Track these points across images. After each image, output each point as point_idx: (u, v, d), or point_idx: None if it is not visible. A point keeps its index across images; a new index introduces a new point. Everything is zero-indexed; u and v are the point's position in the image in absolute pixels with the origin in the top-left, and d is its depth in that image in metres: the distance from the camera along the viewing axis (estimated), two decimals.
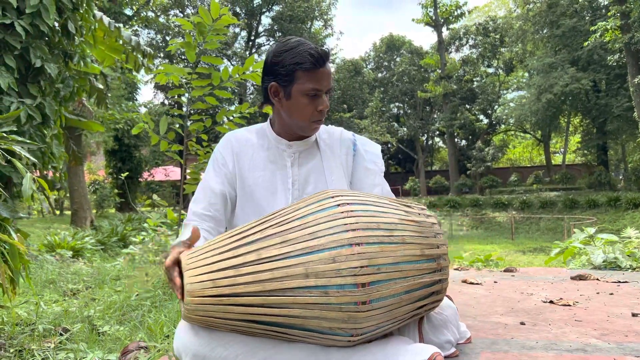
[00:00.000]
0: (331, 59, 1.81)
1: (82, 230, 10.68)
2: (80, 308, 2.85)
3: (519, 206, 26.38)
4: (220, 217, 1.61)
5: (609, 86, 27.14)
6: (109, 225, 12.89)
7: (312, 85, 1.50)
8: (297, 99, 1.53)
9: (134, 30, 21.93)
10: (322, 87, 1.52)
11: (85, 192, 14.48)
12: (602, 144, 30.20)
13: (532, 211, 25.86)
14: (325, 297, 1.19)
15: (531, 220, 25.11)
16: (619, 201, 22.67)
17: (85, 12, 5.32)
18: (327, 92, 1.55)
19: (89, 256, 7.01)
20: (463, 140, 37.61)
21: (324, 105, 1.52)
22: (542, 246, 19.16)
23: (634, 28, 22.49)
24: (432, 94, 33.46)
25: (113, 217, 16.58)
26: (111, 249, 9.34)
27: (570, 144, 37.28)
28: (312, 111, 1.53)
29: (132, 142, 20.46)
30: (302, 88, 1.51)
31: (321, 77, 1.51)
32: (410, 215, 1.36)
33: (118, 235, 10.51)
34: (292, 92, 1.53)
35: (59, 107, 5.47)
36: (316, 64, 1.50)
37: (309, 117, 1.54)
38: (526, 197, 26.99)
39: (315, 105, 1.53)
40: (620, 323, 1.86)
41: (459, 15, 33.86)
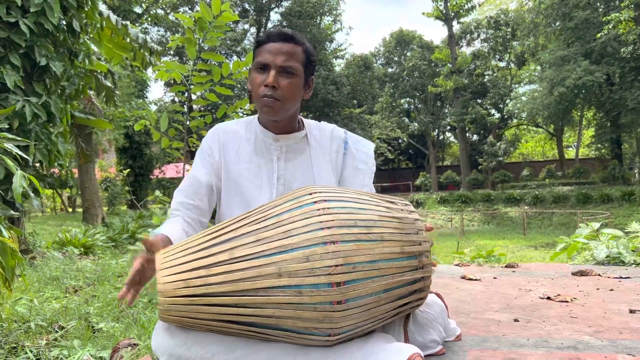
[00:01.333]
0: (340, 53, 1.76)
1: (93, 227, 10.77)
2: (79, 305, 2.86)
3: (531, 201, 26.15)
4: (204, 207, 1.60)
5: (622, 79, 26.72)
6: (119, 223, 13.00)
7: (258, 59, 1.53)
8: (251, 76, 1.56)
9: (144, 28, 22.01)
10: (267, 61, 1.50)
11: (97, 190, 14.61)
12: (616, 138, 29.79)
13: (545, 206, 25.62)
14: (299, 297, 1.17)
15: (543, 215, 24.89)
16: (633, 195, 22.39)
17: (90, 10, 5.34)
18: (280, 70, 1.50)
19: (99, 253, 7.06)
20: (474, 135, 37.32)
21: (268, 80, 1.48)
22: (554, 241, 18.94)
23: None
24: (442, 89, 33.23)
25: (124, 214, 16.71)
26: (122, 245, 9.39)
27: (584, 138, 36.83)
28: (259, 85, 1.51)
29: (143, 140, 20.60)
30: (254, 63, 1.55)
31: (268, 50, 1.52)
32: (391, 212, 1.34)
33: (129, 232, 10.59)
34: (250, 70, 1.58)
35: (65, 105, 5.51)
36: (265, 38, 1.54)
37: (257, 92, 1.52)
38: (538, 192, 26.73)
39: (263, 80, 1.50)
40: (616, 320, 1.82)
41: (470, 8, 33.53)
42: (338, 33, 34.26)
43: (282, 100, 1.51)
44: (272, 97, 1.50)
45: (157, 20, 23.02)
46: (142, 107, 17.56)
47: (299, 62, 1.54)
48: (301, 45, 1.56)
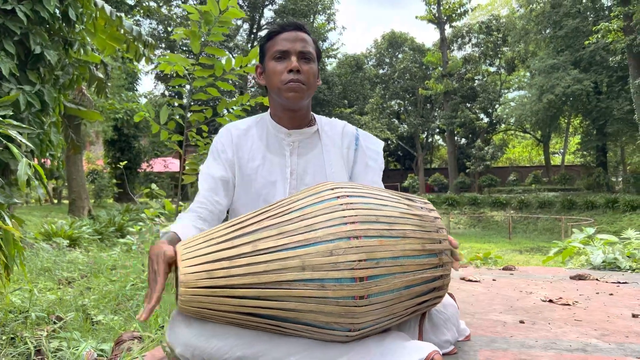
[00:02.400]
0: (332, 53, 1.78)
1: (79, 220, 10.64)
2: (75, 297, 2.83)
3: (517, 205, 26.37)
4: (222, 201, 1.59)
5: (610, 88, 27.08)
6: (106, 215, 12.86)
7: (276, 47, 1.54)
8: (269, 66, 1.56)
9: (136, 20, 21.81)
10: (286, 48, 1.53)
11: (84, 182, 14.44)
12: (601, 146, 30.18)
13: (530, 211, 25.86)
14: (322, 291, 1.17)
15: (529, 220, 25.12)
16: (617, 203, 22.68)
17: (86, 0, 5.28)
18: (300, 56, 1.53)
19: (86, 245, 6.98)
20: (463, 138, 37.57)
21: (293, 65, 1.50)
22: (539, 246, 19.17)
23: (637, 30, 22.43)
24: (433, 92, 33.37)
25: (111, 207, 16.54)
26: (108, 238, 9.31)
27: (570, 145, 37.26)
28: (282, 72, 1.52)
29: (132, 133, 20.42)
30: (270, 53, 1.56)
31: (285, 39, 1.54)
32: (411, 209, 1.34)
33: (115, 226, 10.49)
34: (265, 63, 1.58)
35: (58, 95, 5.43)
36: (280, 28, 1.56)
37: (280, 80, 1.53)
38: (524, 197, 26.98)
39: (285, 67, 1.52)
40: (620, 324, 1.84)
41: (462, 13, 33.73)
42: (331, 32, 34.28)
43: (306, 84, 1.54)
44: (299, 81, 1.51)
45: (149, 13, 22.82)
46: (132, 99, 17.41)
47: (313, 50, 1.58)
48: (310, 35, 1.60)
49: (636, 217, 21.28)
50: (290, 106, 1.57)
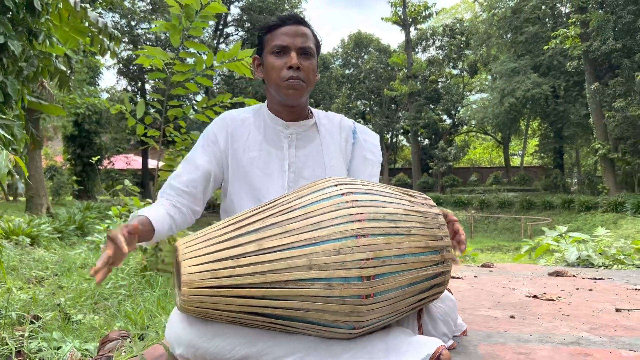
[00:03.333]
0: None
1: (37, 218, 10.27)
2: (48, 296, 2.72)
3: (478, 205, 27.00)
4: (198, 196, 1.56)
5: (567, 93, 28.06)
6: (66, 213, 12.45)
7: (275, 42, 1.51)
8: (268, 61, 1.53)
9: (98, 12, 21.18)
10: (286, 43, 1.50)
11: (42, 178, 13.95)
12: (558, 148, 31.24)
13: (491, 211, 26.52)
14: (329, 290, 1.16)
15: (489, 220, 25.76)
16: (572, 203, 23.53)
17: None
18: (300, 52, 1.50)
19: (45, 244, 6.74)
20: (426, 139, 38.16)
21: (293, 62, 1.47)
22: (499, 245, 19.68)
23: (593, 37, 23.31)
24: (398, 93, 33.76)
25: (70, 205, 16.03)
26: (68, 237, 9.03)
27: (529, 147, 38.38)
28: (281, 68, 1.49)
29: (93, 128, 19.83)
30: (269, 48, 1.53)
31: (285, 33, 1.50)
32: (414, 206, 1.34)
33: (76, 224, 10.19)
34: (264, 56, 1.55)
35: (22, 87, 5.21)
36: (280, 22, 1.53)
37: (280, 76, 1.50)
38: (485, 197, 27.64)
39: (284, 62, 1.49)
40: (606, 318, 1.90)
41: (427, 15, 34.25)
42: None
43: (306, 81, 1.51)
44: (298, 79, 1.49)
45: (112, 6, 22.19)
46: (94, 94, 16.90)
47: (313, 45, 1.55)
48: (311, 28, 1.57)
49: (590, 216, 22.13)
50: (288, 103, 1.55)
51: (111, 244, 1.20)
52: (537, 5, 27.81)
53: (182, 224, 1.52)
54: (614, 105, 22.60)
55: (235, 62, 3.31)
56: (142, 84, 29.72)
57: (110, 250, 1.19)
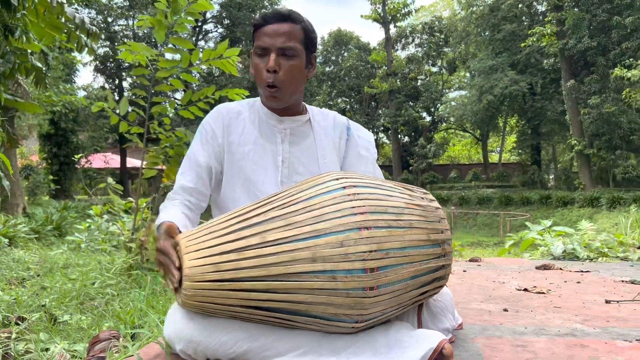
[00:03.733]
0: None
1: (13, 218, 10.05)
2: (32, 297, 2.66)
3: (457, 202, 27.30)
4: (206, 192, 1.56)
5: (544, 90, 28.50)
6: (42, 213, 12.21)
7: (257, 43, 1.49)
8: (252, 61, 1.51)
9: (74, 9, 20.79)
10: (266, 44, 1.46)
11: (17, 178, 13.65)
12: (535, 145, 31.72)
13: (470, 207, 26.84)
14: (333, 283, 1.15)
15: (469, 216, 26.07)
16: (549, 199, 23.94)
17: None
18: (279, 52, 1.46)
19: (23, 244, 6.60)
20: (406, 136, 38.39)
21: (269, 65, 1.44)
22: (479, 240, 19.93)
23: (568, 35, 23.72)
24: (378, 90, 33.88)
25: (47, 205, 15.72)
26: (46, 237, 8.87)
27: (506, 144, 38.89)
28: (261, 71, 1.48)
29: (70, 127, 19.46)
30: (254, 47, 1.50)
31: (266, 33, 1.47)
32: (414, 199, 1.34)
33: (53, 224, 10.00)
34: (252, 55, 1.53)
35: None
36: (261, 21, 1.49)
37: (261, 78, 1.48)
38: (464, 193, 27.96)
39: (264, 65, 1.47)
40: (597, 309, 1.93)
41: (406, 13, 34.37)
42: None
43: (283, 87, 1.48)
44: (275, 87, 1.46)
45: (87, 2, 21.80)
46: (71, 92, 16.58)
47: (299, 42, 1.50)
48: (299, 23, 1.52)
49: (567, 212, 22.56)
50: (271, 106, 1.55)
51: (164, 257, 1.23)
52: (514, 4, 28.19)
53: (195, 223, 1.52)
54: (589, 102, 23.04)
55: (222, 60, 3.28)
56: (119, 82, 29.28)
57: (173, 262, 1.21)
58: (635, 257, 3.41)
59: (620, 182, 24.38)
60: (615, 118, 22.58)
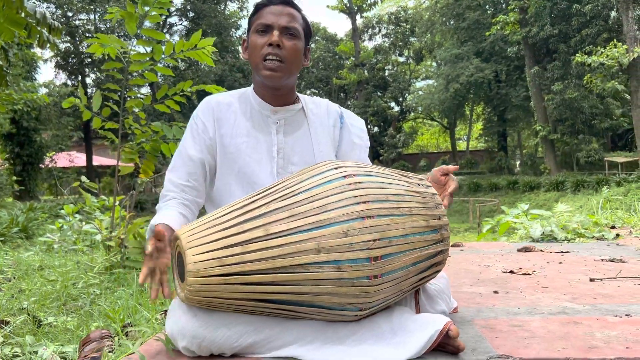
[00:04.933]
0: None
1: None
2: (10, 300, 2.57)
3: None
4: (200, 188, 1.52)
5: (509, 77, 29.08)
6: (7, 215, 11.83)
7: (260, 20, 1.49)
8: (251, 39, 1.51)
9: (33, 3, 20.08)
10: (270, 22, 1.48)
11: None
12: (502, 131, 32.40)
13: None
14: (338, 273, 1.15)
15: None
16: (517, 184, 24.51)
17: None
18: (284, 31, 1.47)
19: None
20: (376, 127, 38.64)
21: (273, 39, 1.45)
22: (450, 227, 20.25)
23: (531, 23, 24.22)
24: (346, 81, 33.97)
25: (12, 207, 15.22)
26: (12, 240, 8.60)
27: (473, 131, 39.59)
28: (262, 46, 1.47)
29: (32, 125, 18.87)
30: (254, 27, 1.51)
31: (270, 12, 1.49)
32: (412, 186, 1.35)
33: (19, 226, 9.71)
34: (249, 36, 1.53)
35: None
36: (267, 1, 1.51)
37: (260, 54, 1.47)
38: None
39: (266, 41, 1.47)
40: (583, 288, 1.98)
41: (372, 3, 34.47)
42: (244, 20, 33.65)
43: (286, 62, 1.47)
44: (277, 58, 1.45)
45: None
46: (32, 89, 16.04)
47: (300, 26, 1.52)
48: (300, 12, 1.54)
49: (534, 196, 23.14)
50: (268, 84, 1.51)
51: (149, 259, 1.19)
52: None
53: (191, 220, 1.47)
54: (552, 89, 23.62)
55: (197, 51, 3.22)
56: (82, 78, 28.49)
57: (149, 263, 1.18)
58: (610, 237, 3.54)
59: (583, 166, 25.15)
60: (577, 103, 23.22)
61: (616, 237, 3.59)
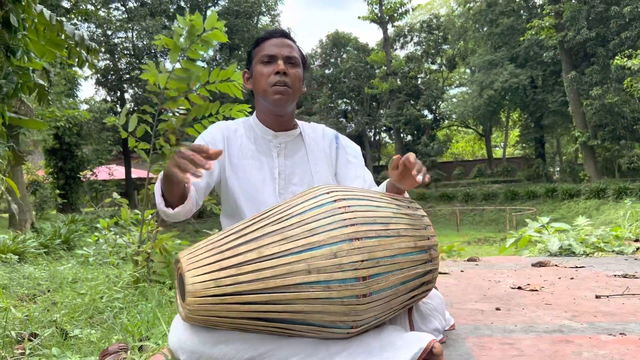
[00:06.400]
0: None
1: (22, 234, 10.16)
2: (43, 313, 2.74)
3: (462, 198, 27.28)
4: (201, 191, 1.60)
5: (545, 82, 28.47)
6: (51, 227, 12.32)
7: (263, 52, 1.62)
8: (256, 70, 1.64)
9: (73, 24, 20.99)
10: (274, 52, 1.61)
11: (25, 193, 13.79)
12: (539, 138, 31.68)
13: (476, 203, 26.82)
14: (327, 292, 1.21)
15: (475, 212, 26.04)
16: (555, 192, 23.89)
17: (27, 5, 5.06)
18: (286, 60, 1.61)
19: (32, 259, 6.69)
20: (409, 135, 38.39)
21: (280, 67, 1.58)
22: (486, 237, 19.92)
23: (567, 27, 23.70)
24: (378, 91, 33.94)
25: (55, 219, 15.85)
26: (55, 251, 8.96)
27: (510, 138, 38.86)
28: (268, 75, 1.60)
29: (74, 141, 19.65)
30: (258, 58, 1.64)
31: (273, 44, 1.63)
32: (401, 209, 1.41)
33: (61, 237, 10.10)
34: (253, 67, 1.66)
35: (2, 104, 5.19)
36: (267, 35, 1.65)
37: (267, 82, 1.60)
38: (470, 190, 27.93)
39: (272, 70, 1.60)
40: (586, 305, 1.99)
41: (404, 12, 34.43)
42: None
43: (292, 87, 1.61)
44: (284, 84, 1.58)
45: (87, 16, 22.01)
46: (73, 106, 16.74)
47: (299, 56, 1.66)
48: (296, 43, 1.68)
49: (573, 204, 22.50)
50: (276, 109, 1.65)
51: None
52: None
53: (193, 210, 1.55)
54: (591, 93, 23.00)
55: (227, 83, 3.37)
56: (121, 94, 29.49)
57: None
58: (629, 251, 3.47)
59: (625, 172, 24.31)
60: (618, 108, 22.53)
61: (635, 251, 3.52)
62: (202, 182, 1.61)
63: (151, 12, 27.93)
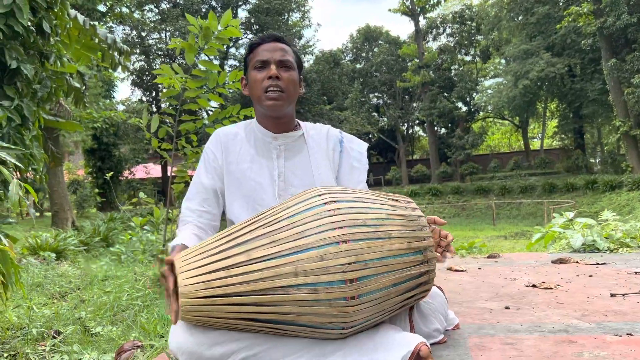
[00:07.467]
0: (309, 50, 1.86)
1: (63, 232, 10.54)
2: (71, 310, 2.85)
3: (499, 192, 26.76)
4: (215, 212, 1.69)
5: (583, 70, 27.57)
6: (90, 226, 12.74)
7: (256, 58, 1.64)
8: (250, 76, 1.66)
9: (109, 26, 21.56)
10: (266, 57, 1.62)
11: (65, 193, 14.31)
12: (578, 128, 30.72)
13: (512, 196, 26.26)
14: (315, 294, 1.23)
15: (512, 206, 25.51)
16: (596, 184, 23.16)
17: (59, 11, 5.24)
18: (279, 64, 1.62)
19: (72, 257, 6.94)
20: (443, 128, 37.89)
21: (272, 72, 1.59)
22: (523, 230, 19.48)
23: (606, 13, 22.86)
24: (411, 84, 33.61)
25: (95, 217, 16.38)
26: (94, 249, 9.24)
27: (548, 129, 37.83)
28: (262, 80, 1.61)
29: (112, 141, 20.26)
30: (252, 64, 1.66)
31: (265, 49, 1.64)
32: (397, 210, 1.41)
33: (101, 235, 10.42)
34: (248, 74, 1.68)
35: (37, 108, 5.40)
36: (259, 40, 1.67)
37: (261, 87, 1.62)
38: (506, 183, 27.37)
39: (265, 75, 1.61)
40: (599, 303, 1.94)
41: (435, 4, 33.98)
42: (306, 30, 34.23)
43: (286, 92, 1.62)
44: (277, 88, 1.60)
45: (122, 19, 22.57)
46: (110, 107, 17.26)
47: (293, 59, 1.67)
48: (290, 46, 1.70)
49: (615, 196, 21.76)
50: (271, 114, 1.65)
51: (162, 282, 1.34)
52: None
53: (215, 222, 1.66)
54: (632, 81, 22.14)
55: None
56: (156, 93, 30.16)
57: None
58: None
59: None
60: None
61: None
62: (211, 192, 1.67)
63: (183, 12, 28.40)
